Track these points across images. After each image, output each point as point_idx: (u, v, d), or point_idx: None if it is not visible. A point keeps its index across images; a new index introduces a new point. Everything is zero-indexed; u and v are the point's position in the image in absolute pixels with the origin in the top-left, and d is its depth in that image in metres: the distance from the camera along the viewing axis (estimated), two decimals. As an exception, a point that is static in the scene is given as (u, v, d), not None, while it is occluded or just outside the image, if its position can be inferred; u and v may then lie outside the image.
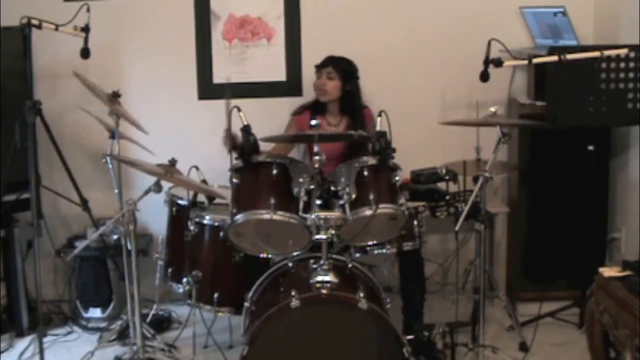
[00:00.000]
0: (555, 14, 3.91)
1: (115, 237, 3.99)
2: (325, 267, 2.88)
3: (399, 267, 3.65)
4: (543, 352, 3.55)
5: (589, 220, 3.86)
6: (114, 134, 3.60)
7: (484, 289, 3.35)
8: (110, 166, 3.67)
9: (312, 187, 2.96)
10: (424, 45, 4.27)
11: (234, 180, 3.07)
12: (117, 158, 3.57)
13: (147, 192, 3.11)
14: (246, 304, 3.16)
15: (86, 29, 3.58)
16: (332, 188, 3.04)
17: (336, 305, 2.85)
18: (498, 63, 3.34)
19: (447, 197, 3.38)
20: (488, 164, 3.14)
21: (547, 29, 4.05)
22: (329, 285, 2.84)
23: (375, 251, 3.30)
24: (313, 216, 2.85)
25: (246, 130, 3.03)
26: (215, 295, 3.33)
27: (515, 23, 4.22)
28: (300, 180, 2.99)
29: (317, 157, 2.88)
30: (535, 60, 3.38)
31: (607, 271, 2.93)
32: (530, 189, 4.01)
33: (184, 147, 3.94)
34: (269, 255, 3.31)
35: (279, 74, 4.30)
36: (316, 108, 3.96)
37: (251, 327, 2.97)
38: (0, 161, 3.68)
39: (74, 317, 4.09)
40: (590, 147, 3.72)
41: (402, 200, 3.05)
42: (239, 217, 2.98)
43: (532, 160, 3.96)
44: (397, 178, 3.06)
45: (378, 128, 3.02)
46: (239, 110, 3.04)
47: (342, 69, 3.90)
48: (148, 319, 3.86)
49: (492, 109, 3.20)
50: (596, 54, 3.36)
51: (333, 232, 2.88)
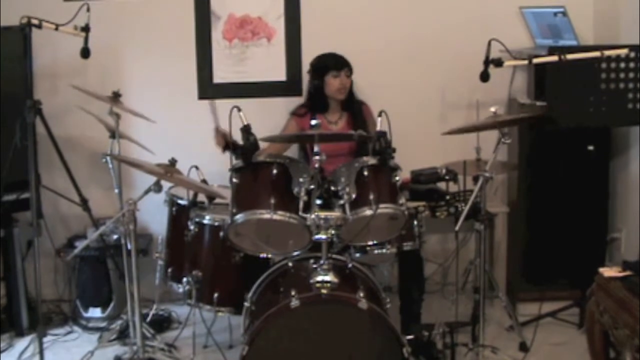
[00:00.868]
0: (555, 14, 3.91)
1: (115, 236, 3.99)
2: (325, 267, 2.88)
3: (399, 267, 3.65)
4: (543, 352, 3.55)
5: (589, 220, 3.86)
6: (114, 134, 3.61)
7: (484, 289, 3.34)
8: (110, 166, 3.67)
9: (312, 187, 2.96)
10: (424, 45, 4.27)
11: (234, 180, 3.07)
12: (117, 158, 3.57)
13: (147, 192, 3.11)
14: (246, 304, 3.15)
15: (86, 28, 3.58)
16: (332, 188, 3.04)
17: (336, 305, 2.85)
18: (498, 63, 3.34)
19: (447, 197, 3.38)
20: (488, 164, 3.14)
21: (547, 29, 4.05)
22: (328, 285, 2.84)
23: (375, 251, 3.29)
24: (313, 216, 2.85)
25: (246, 130, 3.03)
26: (215, 295, 3.33)
27: (515, 23, 4.22)
28: (300, 180, 2.99)
29: (317, 157, 2.89)
30: (535, 61, 3.38)
31: (607, 271, 2.93)
32: (531, 189, 4.01)
33: (184, 146, 3.94)
34: (269, 255, 3.30)
35: (279, 74, 4.30)
36: (317, 106, 3.96)
37: (251, 327, 2.97)
38: (0, 161, 3.68)
39: (74, 316, 4.09)
40: (591, 147, 3.73)
41: (402, 200, 3.05)
42: (239, 217, 2.97)
43: (532, 160, 3.96)
44: (397, 178, 3.06)
45: (378, 128, 3.02)
46: (238, 110, 3.04)
47: (350, 66, 3.91)
48: (148, 319, 3.86)
49: (492, 109, 3.20)
50: (596, 54, 3.36)
51: (333, 232, 2.88)
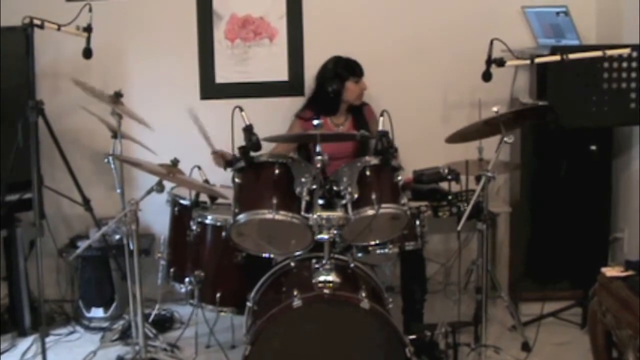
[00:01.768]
0: (557, 13, 3.90)
1: (117, 236, 4.00)
2: (327, 266, 2.89)
3: (401, 267, 3.65)
4: (545, 352, 3.55)
5: (591, 220, 3.86)
6: (116, 134, 3.61)
7: (487, 288, 3.34)
8: (113, 166, 3.67)
9: (314, 186, 2.97)
10: (426, 45, 4.27)
11: (236, 180, 3.07)
12: (120, 158, 3.58)
13: (149, 192, 3.11)
14: (248, 304, 3.15)
15: (88, 29, 3.58)
16: (335, 188, 3.04)
17: (338, 305, 2.85)
18: (500, 63, 3.34)
19: (450, 197, 3.37)
20: (490, 164, 3.14)
21: (550, 28, 4.05)
22: (331, 285, 2.84)
23: (378, 251, 3.29)
24: (315, 216, 2.85)
25: (248, 131, 3.03)
26: (218, 295, 3.33)
27: (517, 23, 4.22)
28: (303, 180, 2.99)
29: (319, 157, 2.89)
30: (537, 60, 3.38)
31: (610, 271, 2.92)
32: (533, 189, 4.00)
33: (186, 147, 3.93)
34: (271, 255, 3.31)
35: (281, 74, 4.30)
36: (327, 109, 3.96)
37: (253, 326, 2.97)
38: (3, 161, 3.68)
39: (76, 316, 4.09)
40: (593, 147, 3.72)
41: (404, 200, 3.05)
42: (241, 217, 2.98)
43: (534, 159, 3.96)
44: (399, 178, 3.06)
45: (380, 128, 3.02)
46: (241, 110, 3.05)
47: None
48: (150, 319, 3.86)
49: (495, 109, 3.19)
50: (598, 53, 3.36)
51: (335, 231, 2.88)
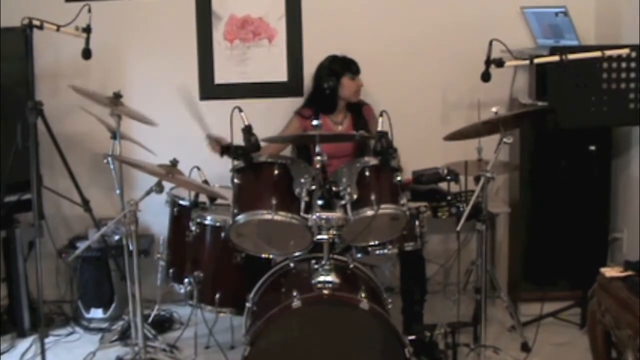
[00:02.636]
0: (556, 14, 3.90)
1: (116, 237, 4.00)
2: (326, 267, 2.88)
3: (400, 267, 3.64)
4: (545, 353, 3.55)
5: (590, 220, 3.86)
6: (115, 135, 3.61)
7: (486, 289, 3.34)
8: (112, 167, 3.67)
9: (313, 187, 2.97)
10: (425, 45, 4.27)
11: (236, 180, 3.07)
12: (119, 158, 3.58)
13: (148, 193, 3.11)
14: (248, 305, 3.16)
15: (88, 29, 3.57)
16: (334, 188, 3.04)
17: (338, 305, 2.85)
18: (499, 63, 3.34)
19: (449, 198, 3.38)
20: (489, 164, 3.14)
21: (549, 29, 4.05)
22: (330, 285, 2.84)
23: (377, 251, 3.30)
24: (314, 216, 2.85)
25: (247, 131, 3.03)
26: (217, 295, 3.33)
27: (516, 23, 4.22)
28: (302, 180, 2.99)
29: (318, 157, 2.89)
30: (536, 61, 3.38)
31: (609, 271, 2.92)
32: (532, 189, 4.00)
33: (185, 147, 3.93)
34: (271, 256, 3.31)
35: (280, 75, 4.30)
36: (325, 107, 3.97)
37: (253, 327, 2.97)
38: (2, 162, 3.68)
39: (75, 317, 4.09)
40: (592, 147, 3.73)
41: (403, 201, 3.05)
42: (241, 218, 2.98)
43: (533, 160, 3.96)
44: (398, 178, 3.06)
45: (379, 128, 3.02)
46: (240, 110, 3.05)
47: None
48: (149, 320, 3.86)
49: (494, 110, 3.19)
50: (597, 54, 3.36)
51: (334, 232, 2.88)
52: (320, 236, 2.87)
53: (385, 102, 3.28)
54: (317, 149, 2.90)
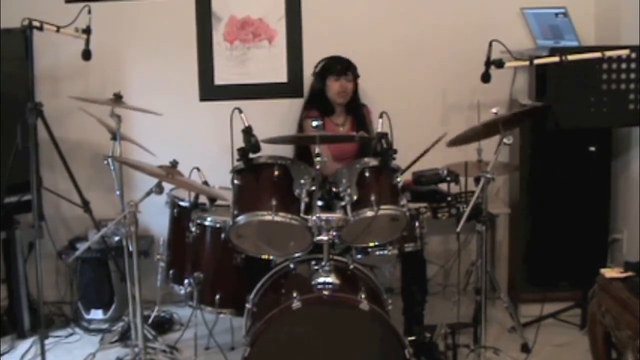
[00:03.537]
0: (556, 14, 3.90)
1: (116, 238, 3.99)
2: (326, 268, 2.88)
3: (401, 268, 3.64)
4: (545, 353, 3.55)
5: (590, 221, 3.86)
6: (115, 136, 3.61)
7: (486, 290, 3.34)
8: (112, 168, 3.67)
9: (313, 188, 2.97)
10: (425, 46, 4.27)
11: (236, 181, 3.07)
12: (119, 159, 3.58)
13: (148, 194, 3.10)
14: (248, 306, 3.16)
15: (87, 30, 3.58)
16: (334, 189, 3.05)
17: (338, 306, 2.85)
18: (499, 64, 3.34)
19: (449, 199, 3.38)
20: (489, 165, 3.14)
21: (548, 29, 4.05)
22: (330, 286, 2.84)
23: (377, 252, 3.29)
24: (314, 217, 2.85)
25: (247, 132, 3.03)
26: (217, 296, 3.33)
27: (516, 24, 4.22)
28: (302, 181, 2.99)
29: (318, 158, 2.89)
30: (536, 61, 3.39)
31: (609, 272, 2.92)
32: (532, 190, 4.00)
33: (185, 148, 3.94)
34: (271, 257, 3.31)
35: (281, 76, 4.30)
36: (322, 109, 3.97)
37: (253, 328, 2.97)
38: (2, 163, 3.68)
39: (75, 318, 4.08)
40: (592, 148, 3.73)
41: (403, 202, 3.05)
42: (241, 219, 2.98)
43: (533, 161, 3.96)
44: (398, 179, 3.06)
45: (379, 129, 3.02)
46: (240, 111, 3.05)
47: (354, 69, 3.96)
48: (149, 321, 3.85)
49: (494, 110, 3.19)
50: (597, 54, 3.36)
51: (334, 233, 2.88)
52: (320, 237, 2.87)
53: (385, 103, 3.28)
54: (317, 150, 2.90)
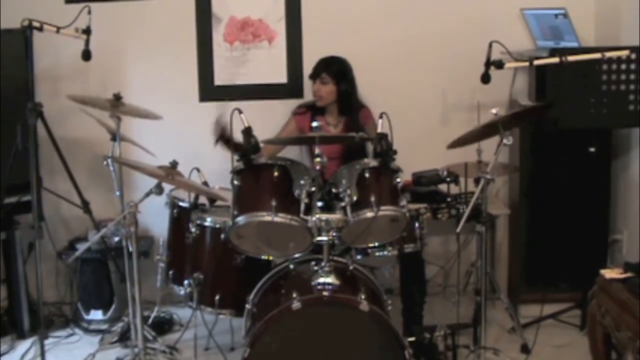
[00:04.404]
0: (556, 15, 3.90)
1: (116, 239, 4.00)
2: (326, 269, 2.88)
3: (400, 269, 3.64)
4: (545, 354, 3.55)
5: (590, 222, 3.86)
6: (115, 136, 3.61)
7: (486, 290, 3.34)
8: (112, 168, 3.67)
9: (313, 189, 2.96)
10: (425, 47, 4.27)
11: (235, 182, 3.07)
12: (119, 160, 3.58)
13: (148, 194, 3.11)
14: (247, 306, 3.15)
15: (87, 31, 3.58)
16: (334, 190, 3.04)
17: (337, 307, 2.85)
18: (499, 65, 3.34)
19: (449, 199, 3.38)
20: (489, 166, 3.14)
21: (548, 30, 4.05)
22: (330, 287, 2.84)
23: (377, 253, 3.29)
24: (314, 218, 2.85)
25: (247, 133, 3.03)
26: (217, 297, 3.32)
27: (516, 25, 4.22)
28: (302, 182, 2.99)
29: (318, 159, 2.89)
30: (536, 62, 3.38)
31: (609, 273, 2.93)
32: (532, 191, 4.00)
33: (185, 149, 3.94)
34: (270, 257, 3.31)
35: (280, 76, 4.30)
36: (317, 108, 3.97)
37: (252, 329, 2.97)
38: (2, 163, 3.68)
39: (75, 319, 4.09)
40: (592, 149, 3.72)
41: (403, 202, 3.05)
42: (240, 219, 2.98)
43: (533, 162, 3.96)
44: (398, 180, 3.06)
45: (379, 130, 3.02)
46: (240, 112, 3.05)
47: (334, 71, 3.89)
48: (149, 321, 3.86)
49: (494, 111, 3.19)
50: (597, 55, 3.36)
51: (334, 234, 2.88)
52: (320, 238, 2.87)
53: (385, 104, 3.27)
54: (317, 151, 2.90)
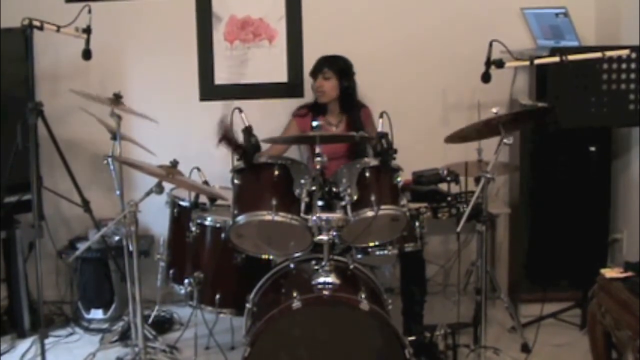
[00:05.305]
0: (556, 14, 3.90)
1: (116, 238, 4.00)
2: (326, 268, 2.88)
3: (400, 268, 3.64)
4: (545, 354, 3.55)
5: (590, 221, 3.86)
6: (115, 135, 3.61)
7: (486, 290, 3.34)
8: (112, 167, 3.67)
9: (313, 188, 2.96)
10: (425, 46, 4.27)
11: (236, 181, 3.07)
12: (119, 159, 3.58)
13: (148, 194, 3.11)
14: (248, 305, 3.15)
15: (88, 30, 3.58)
16: (334, 189, 3.04)
17: (338, 306, 2.85)
18: (499, 64, 3.34)
19: (449, 199, 3.38)
20: (490, 165, 3.14)
21: (549, 29, 4.05)
22: (330, 286, 2.84)
23: (377, 252, 3.29)
24: (314, 217, 2.85)
25: (248, 132, 3.03)
26: (217, 296, 3.33)
27: (516, 24, 4.22)
28: (302, 181, 2.99)
29: (318, 158, 2.89)
30: (536, 61, 3.38)
31: (609, 272, 2.93)
32: (532, 190, 4.00)
33: (185, 148, 3.95)
34: (271, 257, 3.31)
35: (281, 76, 4.30)
36: (317, 108, 3.98)
37: (253, 328, 2.97)
38: (2, 163, 3.68)
39: (75, 318, 4.09)
40: (592, 148, 3.72)
41: (403, 202, 3.05)
42: (241, 218, 2.98)
43: (533, 161, 3.96)
44: (398, 179, 3.06)
45: (380, 129, 3.02)
46: (240, 111, 3.05)
47: (337, 66, 3.92)
48: (150, 320, 3.86)
49: (494, 110, 3.19)
50: (598, 54, 3.36)
51: (334, 233, 2.88)
52: (320, 237, 2.87)
53: (385, 103, 3.27)
54: (317, 150, 2.90)
